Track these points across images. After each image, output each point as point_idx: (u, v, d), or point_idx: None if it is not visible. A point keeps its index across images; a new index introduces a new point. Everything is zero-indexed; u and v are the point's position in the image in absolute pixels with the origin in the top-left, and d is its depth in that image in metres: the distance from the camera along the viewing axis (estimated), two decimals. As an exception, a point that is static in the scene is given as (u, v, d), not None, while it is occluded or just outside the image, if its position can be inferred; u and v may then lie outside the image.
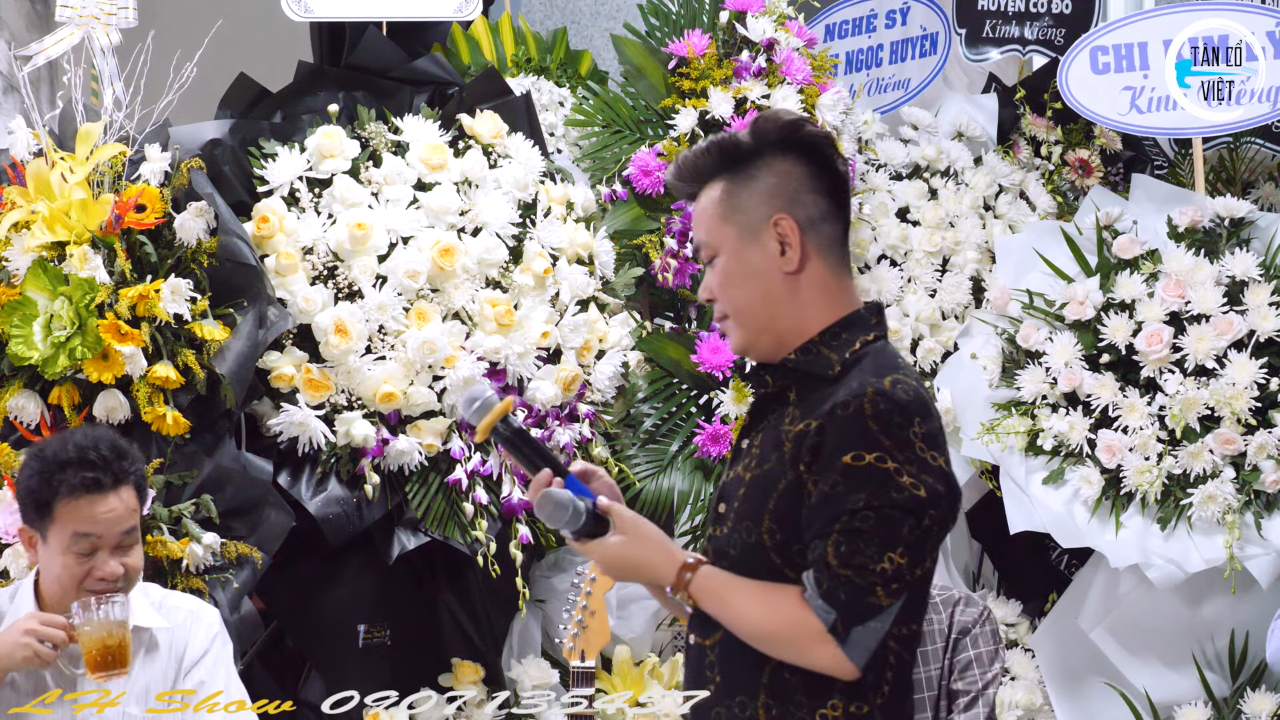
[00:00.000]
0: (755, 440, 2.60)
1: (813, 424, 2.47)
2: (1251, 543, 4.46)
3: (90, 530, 3.18)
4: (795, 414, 2.53)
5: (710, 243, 2.60)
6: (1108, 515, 4.56)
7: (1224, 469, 4.47)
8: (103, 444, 3.22)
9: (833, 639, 2.42)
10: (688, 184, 2.64)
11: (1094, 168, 5.72)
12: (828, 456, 2.45)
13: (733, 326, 2.60)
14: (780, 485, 2.50)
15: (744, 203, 2.56)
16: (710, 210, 2.59)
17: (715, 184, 2.60)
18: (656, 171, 4.74)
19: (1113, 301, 4.63)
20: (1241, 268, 4.57)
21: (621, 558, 2.57)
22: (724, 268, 2.58)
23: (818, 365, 2.55)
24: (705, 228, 2.60)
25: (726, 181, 2.58)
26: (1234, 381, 4.48)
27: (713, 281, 2.61)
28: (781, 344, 2.59)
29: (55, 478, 3.17)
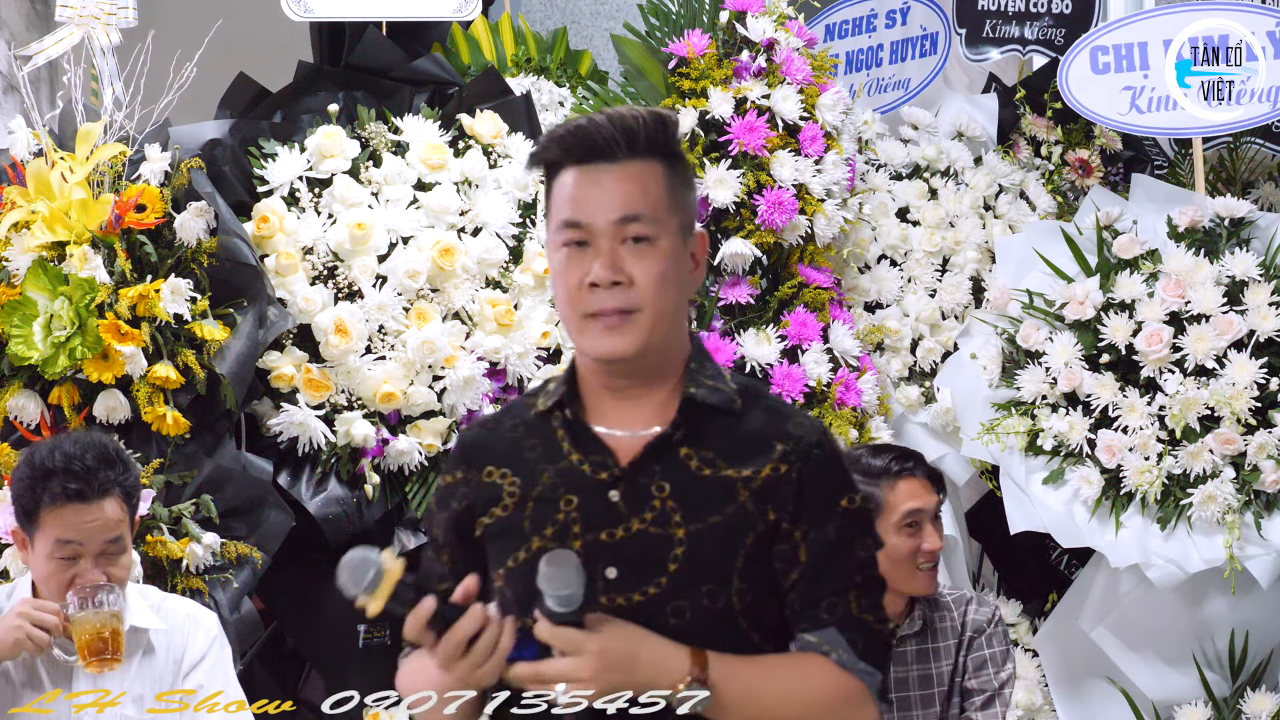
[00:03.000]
0: (653, 489, 2.23)
1: (781, 467, 2.22)
2: (1251, 543, 4.46)
3: (72, 538, 3.18)
4: (711, 456, 2.24)
5: (653, 220, 2.23)
6: (1108, 515, 4.56)
7: (1224, 469, 4.47)
8: (90, 453, 3.21)
9: (873, 699, 2.23)
10: (614, 142, 2.24)
11: (1094, 168, 5.72)
12: (821, 502, 2.23)
13: (641, 327, 2.22)
14: (748, 539, 2.21)
15: (684, 202, 2.27)
16: (657, 188, 2.24)
17: (651, 162, 2.25)
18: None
19: (1113, 301, 4.62)
20: (1241, 268, 4.57)
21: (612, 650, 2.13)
22: (664, 261, 2.22)
23: (720, 399, 2.27)
24: (650, 204, 2.23)
25: (667, 169, 2.26)
26: (1234, 381, 4.47)
27: (642, 269, 2.22)
28: (665, 365, 2.28)
29: (40, 485, 3.18)
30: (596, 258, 2.22)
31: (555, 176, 2.27)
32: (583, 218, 2.23)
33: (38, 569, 3.25)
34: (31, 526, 3.21)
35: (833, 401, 4.59)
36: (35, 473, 3.20)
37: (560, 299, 2.26)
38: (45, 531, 3.19)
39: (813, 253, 4.72)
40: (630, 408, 2.29)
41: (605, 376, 2.28)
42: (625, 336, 2.23)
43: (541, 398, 2.33)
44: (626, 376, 2.28)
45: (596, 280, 2.22)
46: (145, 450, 4.04)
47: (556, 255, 2.25)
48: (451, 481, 2.35)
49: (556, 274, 2.26)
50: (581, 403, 2.30)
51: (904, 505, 3.64)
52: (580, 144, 2.24)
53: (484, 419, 2.38)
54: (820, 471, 2.25)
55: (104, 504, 3.19)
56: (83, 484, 3.17)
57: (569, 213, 2.24)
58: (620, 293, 2.21)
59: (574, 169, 2.25)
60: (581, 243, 2.23)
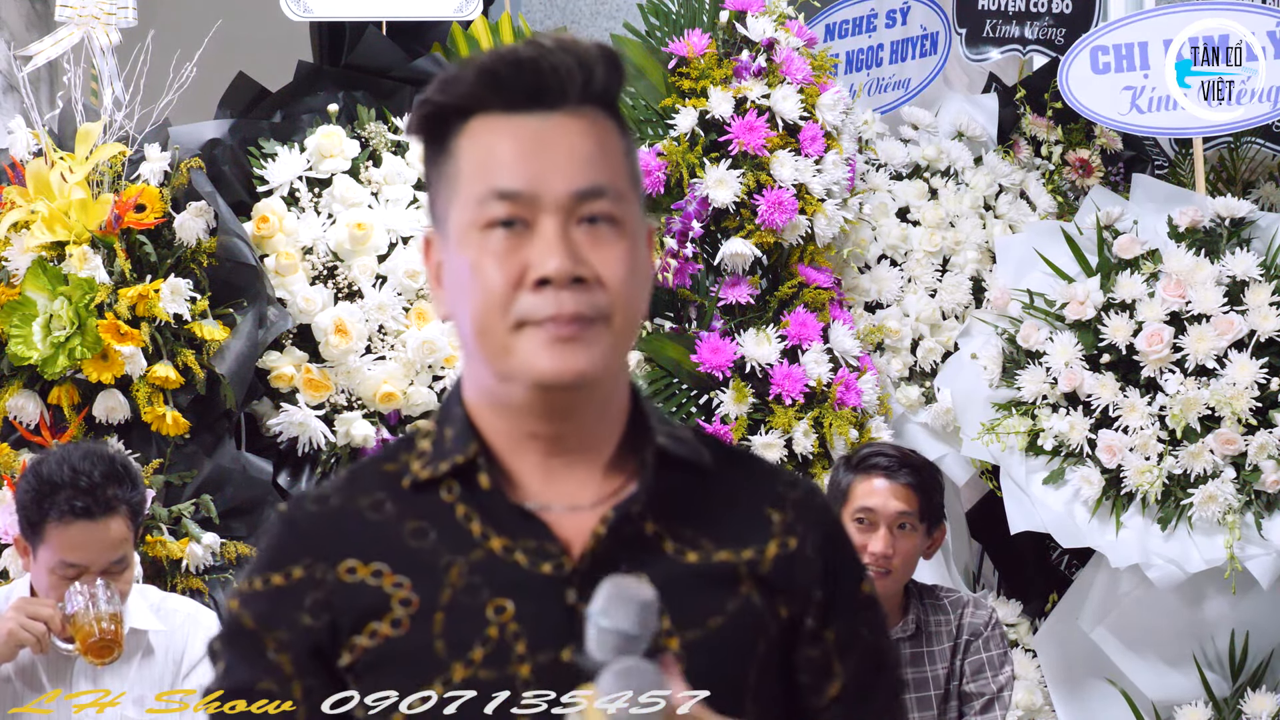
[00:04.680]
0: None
1: (789, 541, 1.65)
2: (1252, 543, 4.46)
3: (76, 561, 3.17)
4: (691, 534, 1.63)
5: (618, 195, 1.60)
6: (1108, 515, 4.55)
7: (1224, 469, 4.47)
8: (99, 469, 3.17)
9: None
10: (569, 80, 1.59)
11: (1094, 168, 5.72)
12: (844, 589, 1.69)
13: (607, 341, 1.57)
14: (760, 647, 1.64)
15: (639, 175, 1.65)
16: (617, 150, 1.61)
17: (604, 116, 1.61)
18: (656, 171, 4.73)
19: (1113, 301, 4.62)
20: (1242, 268, 4.57)
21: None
22: (634, 251, 1.60)
23: (688, 451, 1.65)
24: (615, 171, 1.60)
25: (618, 127, 1.63)
26: (1234, 381, 4.47)
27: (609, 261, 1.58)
28: (614, 403, 1.64)
29: (46, 500, 3.15)
30: (541, 244, 1.55)
31: (461, 129, 1.59)
32: (524, 185, 1.56)
33: (38, 580, 3.24)
34: (36, 539, 3.19)
35: (833, 401, 4.58)
36: (42, 486, 3.17)
37: (475, 302, 1.56)
38: (49, 547, 3.17)
39: (813, 253, 4.72)
40: (567, 469, 1.62)
41: (536, 419, 1.60)
42: (585, 352, 1.55)
43: (416, 460, 1.63)
44: (569, 417, 1.60)
45: (548, 274, 1.54)
46: (145, 450, 4.04)
47: (471, 239, 1.57)
48: (284, 584, 1.61)
49: (469, 267, 1.56)
50: (495, 464, 1.62)
51: (860, 500, 3.61)
52: (518, 80, 1.57)
53: (316, 494, 1.65)
54: (838, 547, 1.71)
55: (110, 523, 3.16)
56: (89, 501, 3.14)
57: (503, 178, 1.56)
58: (582, 293, 1.55)
59: (502, 118, 1.58)
60: (515, 221, 1.56)
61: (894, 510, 3.59)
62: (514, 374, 1.57)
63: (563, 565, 1.59)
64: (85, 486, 3.14)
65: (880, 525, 3.58)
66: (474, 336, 1.58)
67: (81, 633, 3.13)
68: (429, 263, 1.65)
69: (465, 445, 1.62)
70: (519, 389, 1.58)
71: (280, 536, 1.65)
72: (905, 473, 3.63)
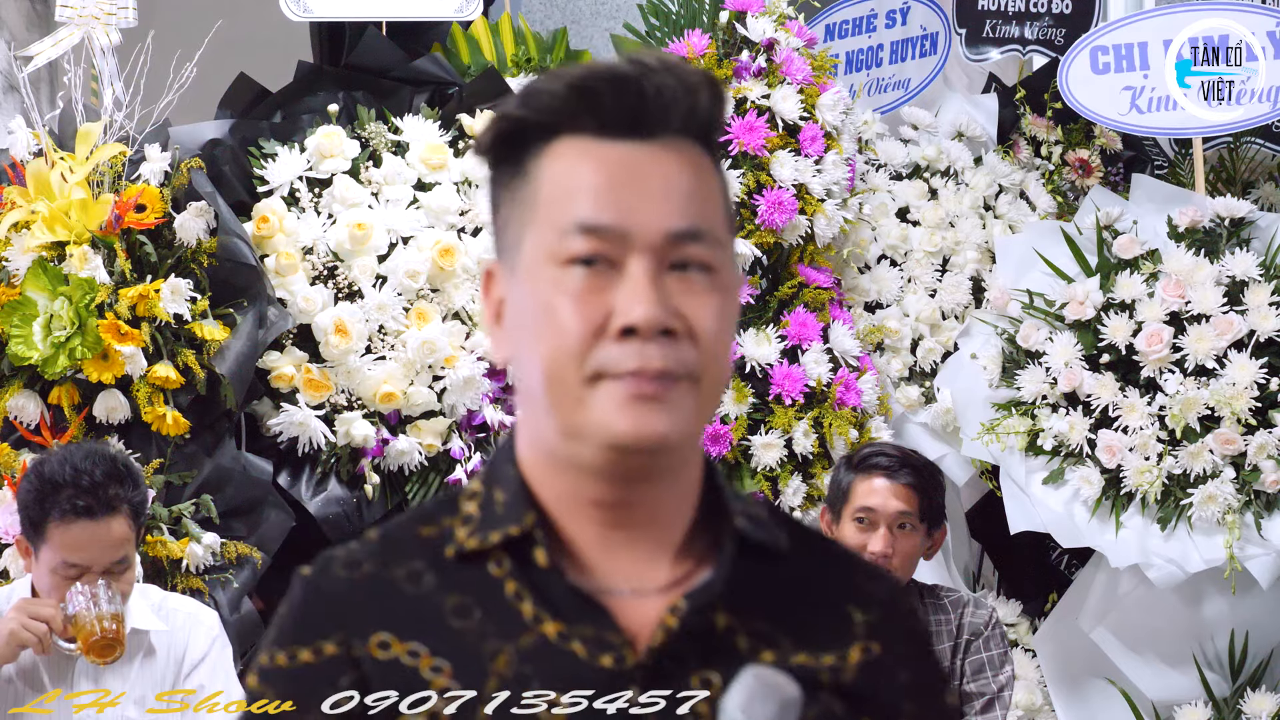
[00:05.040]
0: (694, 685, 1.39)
1: (872, 647, 1.44)
2: (1251, 543, 4.46)
3: (78, 561, 3.17)
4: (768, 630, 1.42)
5: (717, 239, 1.41)
6: (1108, 515, 4.55)
7: (1224, 469, 4.47)
8: (100, 468, 3.18)
9: None
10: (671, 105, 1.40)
11: (1094, 168, 5.72)
12: (932, 705, 1.49)
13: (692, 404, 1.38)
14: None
15: (734, 224, 1.47)
16: (716, 190, 1.42)
17: (702, 150, 1.42)
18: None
19: (1113, 301, 4.62)
20: (1241, 268, 4.57)
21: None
22: (731, 305, 1.41)
23: (765, 535, 1.45)
24: (714, 212, 1.41)
25: (718, 169, 1.44)
26: (1234, 381, 4.47)
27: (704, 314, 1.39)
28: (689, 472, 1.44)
29: (48, 499, 3.15)
30: (629, 288, 1.36)
31: (543, 149, 1.41)
32: (613, 220, 1.37)
33: (40, 580, 3.24)
34: (37, 539, 3.19)
35: (833, 401, 4.59)
36: (44, 485, 3.17)
37: (546, 347, 1.37)
38: (51, 547, 3.17)
39: (813, 253, 4.72)
40: (630, 545, 1.42)
41: (603, 484, 1.40)
42: (667, 414, 1.36)
43: (461, 526, 1.43)
44: (641, 485, 1.40)
45: (635, 323, 1.35)
46: (145, 450, 4.04)
47: (545, 275, 1.38)
48: (314, 661, 1.43)
49: (542, 307, 1.37)
50: (553, 537, 1.42)
51: (861, 500, 3.61)
52: (617, 100, 1.38)
53: (345, 557, 1.48)
54: (924, 655, 1.51)
55: (111, 522, 3.17)
56: (91, 500, 3.14)
57: (589, 210, 1.37)
58: (669, 347, 1.36)
59: (593, 142, 1.39)
60: (599, 260, 1.37)
61: (894, 510, 3.60)
62: (585, 432, 1.37)
63: (625, 659, 1.38)
64: (87, 486, 3.14)
65: (880, 525, 3.59)
66: (542, 386, 1.37)
67: (83, 632, 3.13)
68: (488, 297, 1.44)
69: (520, 515, 1.41)
70: (588, 449, 1.38)
71: (307, 605, 1.46)
72: (906, 473, 3.64)
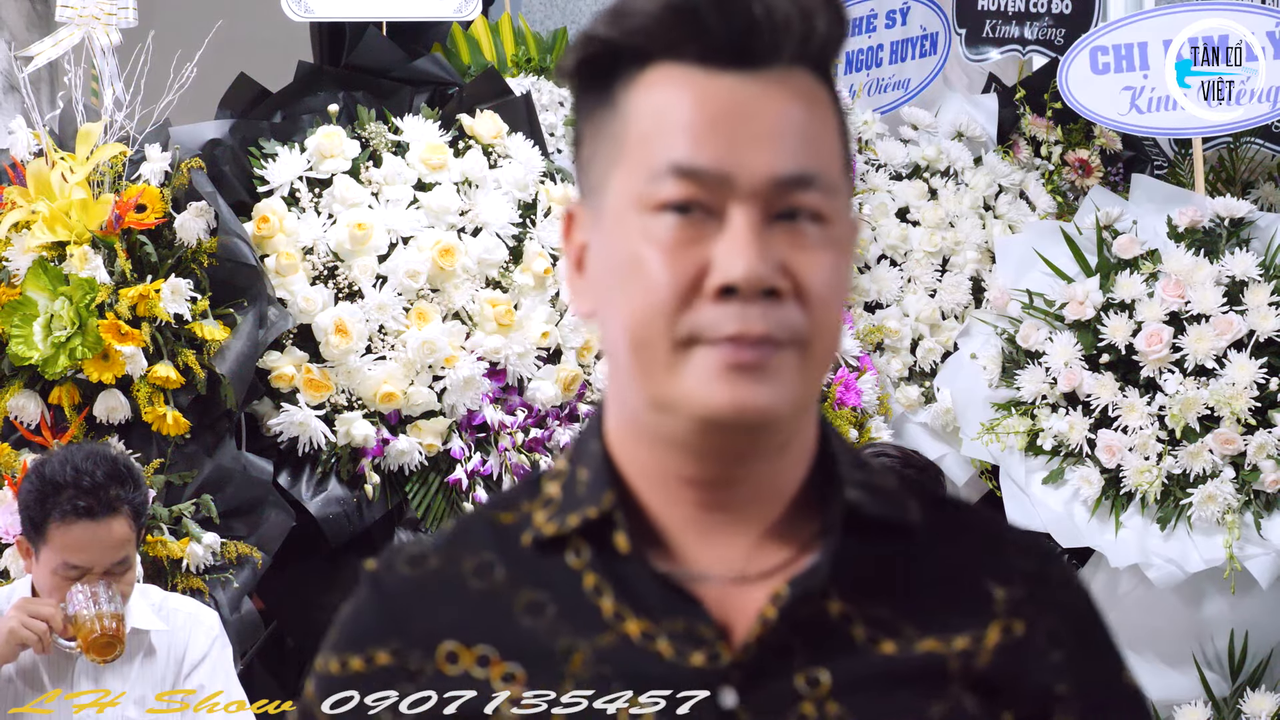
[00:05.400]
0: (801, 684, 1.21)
1: (1014, 625, 1.26)
2: (1251, 542, 4.46)
3: (79, 562, 3.17)
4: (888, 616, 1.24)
5: (831, 186, 1.21)
6: (1108, 515, 4.56)
7: (1224, 469, 4.48)
8: (101, 468, 3.18)
9: None
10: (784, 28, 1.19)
11: (1094, 168, 5.73)
12: (1098, 683, 1.31)
13: (799, 373, 1.20)
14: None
15: (852, 166, 1.27)
16: (831, 128, 1.23)
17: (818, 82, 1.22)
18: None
19: (1113, 301, 4.62)
20: (1241, 268, 4.57)
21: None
22: (844, 261, 1.23)
23: (888, 509, 1.26)
24: (828, 155, 1.22)
25: (836, 103, 1.24)
26: (1234, 381, 4.48)
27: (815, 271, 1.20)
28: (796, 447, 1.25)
29: (49, 500, 3.16)
30: (729, 240, 1.18)
31: (634, 77, 1.21)
32: (713, 161, 1.18)
33: (40, 581, 3.25)
34: (38, 539, 3.20)
35: (833, 401, 4.59)
36: (45, 486, 3.18)
37: (632, 305, 1.19)
38: (52, 547, 3.18)
39: (813, 253, 4.72)
40: (728, 527, 1.24)
41: (696, 461, 1.22)
42: (770, 385, 1.18)
43: (541, 509, 1.26)
44: (741, 462, 1.22)
45: (734, 280, 1.17)
46: (145, 450, 4.04)
47: (633, 222, 1.20)
48: (364, 670, 1.27)
49: (628, 258, 1.20)
50: (638, 518, 1.24)
51: None
52: (721, 23, 1.19)
53: (411, 552, 1.29)
54: (1087, 629, 1.33)
55: (112, 523, 3.17)
56: (92, 500, 3.15)
57: (686, 149, 1.18)
58: (773, 308, 1.18)
59: (692, 70, 1.20)
60: (695, 207, 1.18)
61: None
62: (675, 403, 1.19)
63: (719, 656, 1.21)
64: (88, 486, 3.14)
65: None
66: (627, 350, 1.20)
67: (83, 631, 3.13)
68: (569, 242, 1.26)
69: (599, 493, 1.23)
70: (679, 423, 1.20)
71: (363, 606, 1.28)
72: (908, 473, 3.64)
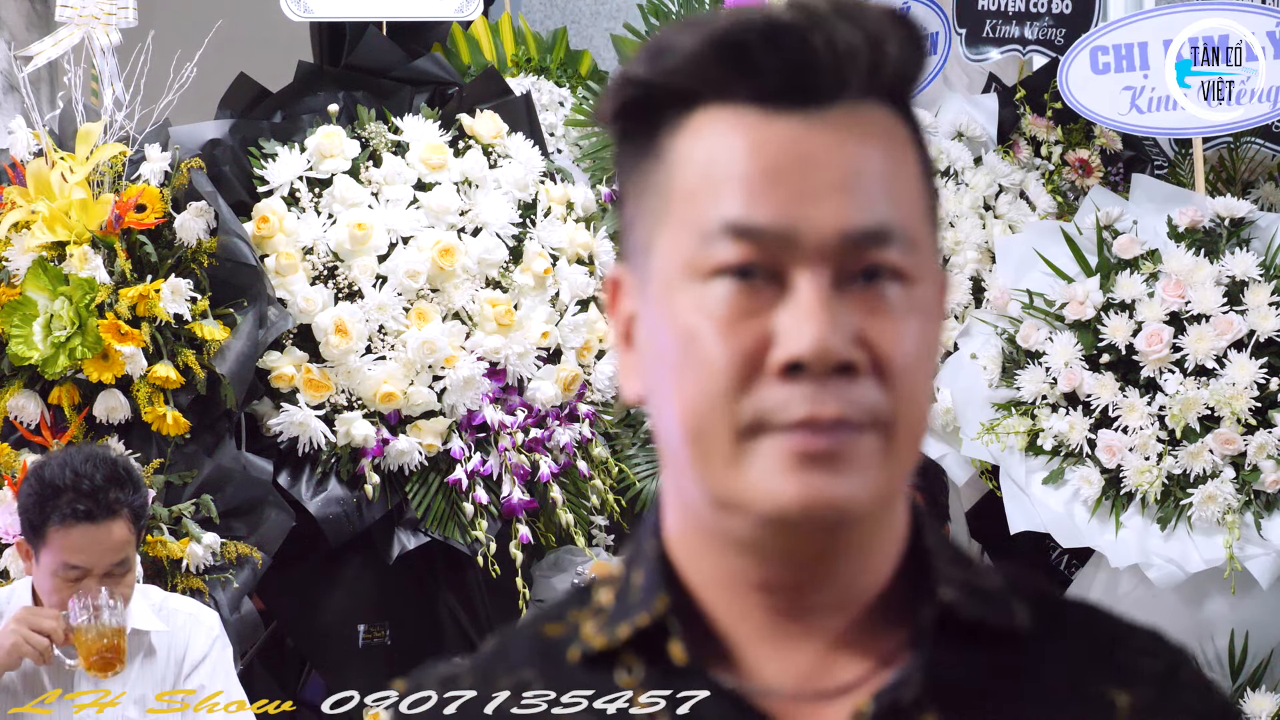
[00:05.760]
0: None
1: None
2: (1251, 543, 4.46)
3: (79, 563, 3.17)
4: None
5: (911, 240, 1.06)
6: (1108, 515, 4.56)
7: (1224, 469, 4.47)
8: (101, 471, 3.18)
9: None
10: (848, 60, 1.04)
11: (1094, 168, 5.72)
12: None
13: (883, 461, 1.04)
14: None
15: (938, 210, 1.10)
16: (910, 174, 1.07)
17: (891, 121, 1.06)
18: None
19: (1113, 301, 4.62)
20: (1241, 268, 4.57)
21: None
22: (931, 327, 1.07)
23: (991, 610, 1.10)
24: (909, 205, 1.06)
25: (916, 140, 1.09)
26: (1234, 381, 4.47)
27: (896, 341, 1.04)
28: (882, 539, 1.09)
29: (49, 503, 3.16)
30: (795, 308, 1.02)
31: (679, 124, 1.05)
32: (772, 219, 1.02)
33: (40, 583, 3.25)
34: (38, 541, 3.20)
35: (833, 401, 4.59)
36: (44, 489, 3.18)
37: (687, 388, 1.04)
38: (51, 550, 3.18)
39: (813, 253, 4.72)
40: (805, 634, 1.08)
41: (768, 564, 1.06)
42: (849, 476, 1.02)
43: (591, 619, 1.11)
44: (819, 564, 1.06)
45: (802, 355, 1.01)
46: (145, 450, 4.04)
47: (685, 290, 1.04)
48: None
49: (680, 333, 1.04)
50: (698, 625, 1.08)
51: None
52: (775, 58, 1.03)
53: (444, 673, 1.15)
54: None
55: (112, 526, 3.18)
56: (92, 504, 3.15)
57: (741, 205, 1.03)
58: (849, 387, 1.02)
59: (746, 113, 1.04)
60: (755, 271, 1.03)
61: None
62: (739, 500, 1.03)
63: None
64: (87, 490, 3.15)
65: None
66: (682, 439, 1.04)
67: (85, 648, 3.13)
68: (615, 312, 1.11)
69: (652, 597, 1.07)
70: (745, 522, 1.04)
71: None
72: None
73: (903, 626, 1.08)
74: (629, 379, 1.10)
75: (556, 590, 4.66)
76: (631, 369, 1.10)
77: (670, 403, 1.05)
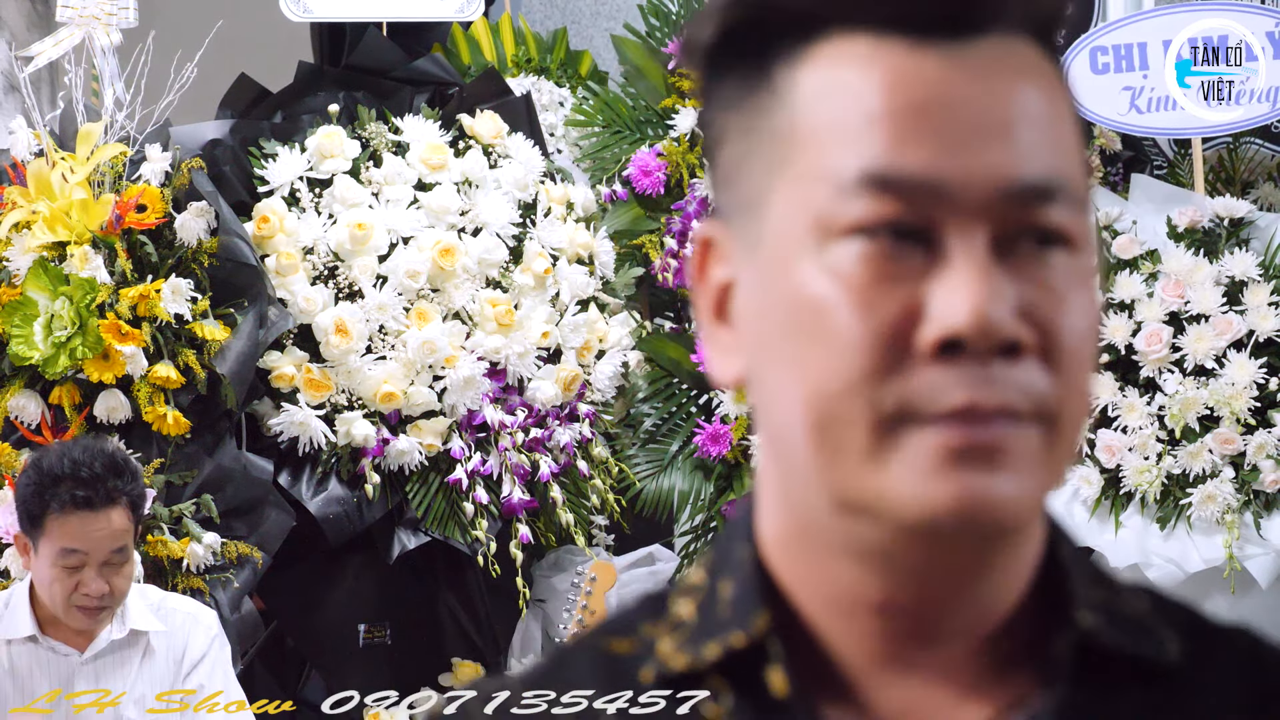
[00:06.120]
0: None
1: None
2: (1251, 543, 4.47)
3: (78, 547, 3.18)
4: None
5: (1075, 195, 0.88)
6: (1107, 515, 4.56)
7: (1223, 469, 4.48)
8: (99, 460, 3.20)
9: None
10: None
11: (1094, 168, 5.73)
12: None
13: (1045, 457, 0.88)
14: None
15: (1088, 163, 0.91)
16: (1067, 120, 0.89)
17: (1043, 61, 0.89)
18: (656, 171, 4.74)
19: (1112, 301, 4.63)
20: (1241, 268, 4.57)
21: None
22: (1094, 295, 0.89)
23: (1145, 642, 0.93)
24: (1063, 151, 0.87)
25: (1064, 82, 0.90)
26: (1233, 381, 4.48)
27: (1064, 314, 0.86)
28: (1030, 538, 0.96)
29: (48, 492, 3.18)
30: (950, 276, 0.85)
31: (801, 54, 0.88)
32: (922, 168, 0.85)
33: (40, 576, 3.25)
34: (36, 532, 3.21)
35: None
36: (43, 479, 3.19)
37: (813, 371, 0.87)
38: (50, 539, 3.19)
39: (813, 253, 4.72)
40: (928, 661, 0.91)
41: (899, 581, 0.90)
42: (1012, 476, 0.87)
43: (668, 635, 0.94)
44: (956, 582, 0.90)
45: (960, 331, 0.84)
46: (145, 450, 4.05)
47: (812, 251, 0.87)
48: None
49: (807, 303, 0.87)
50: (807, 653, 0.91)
51: None
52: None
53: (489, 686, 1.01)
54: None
55: (111, 513, 3.19)
56: (90, 492, 3.17)
57: (884, 151, 0.86)
58: (1013, 370, 0.85)
59: (884, 44, 0.87)
60: (900, 230, 0.86)
61: None
62: (876, 504, 0.87)
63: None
64: (86, 478, 3.16)
65: None
66: (803, 431, 0.88)
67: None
68: (703, 280, 0.94)
69: (748, 614, 0.90)
70: (879, 530, 0.88)
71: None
72: None
73: (1033, 656, 0.92)
74: (723, 358, 0.93)
75: (557, 590, 4.66)
76: (727, 348, 0.92)
77: (789, 386, 0.87)
